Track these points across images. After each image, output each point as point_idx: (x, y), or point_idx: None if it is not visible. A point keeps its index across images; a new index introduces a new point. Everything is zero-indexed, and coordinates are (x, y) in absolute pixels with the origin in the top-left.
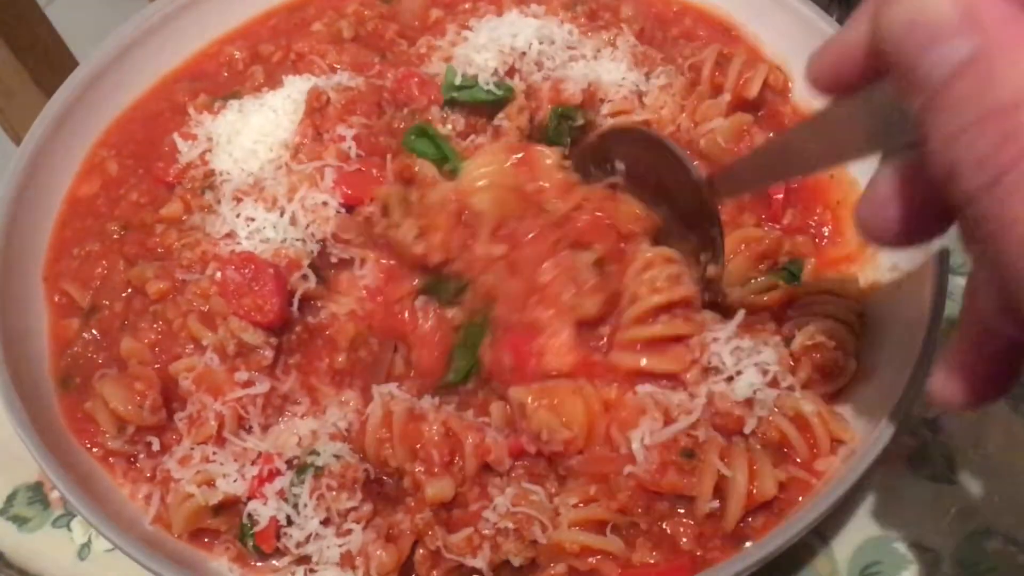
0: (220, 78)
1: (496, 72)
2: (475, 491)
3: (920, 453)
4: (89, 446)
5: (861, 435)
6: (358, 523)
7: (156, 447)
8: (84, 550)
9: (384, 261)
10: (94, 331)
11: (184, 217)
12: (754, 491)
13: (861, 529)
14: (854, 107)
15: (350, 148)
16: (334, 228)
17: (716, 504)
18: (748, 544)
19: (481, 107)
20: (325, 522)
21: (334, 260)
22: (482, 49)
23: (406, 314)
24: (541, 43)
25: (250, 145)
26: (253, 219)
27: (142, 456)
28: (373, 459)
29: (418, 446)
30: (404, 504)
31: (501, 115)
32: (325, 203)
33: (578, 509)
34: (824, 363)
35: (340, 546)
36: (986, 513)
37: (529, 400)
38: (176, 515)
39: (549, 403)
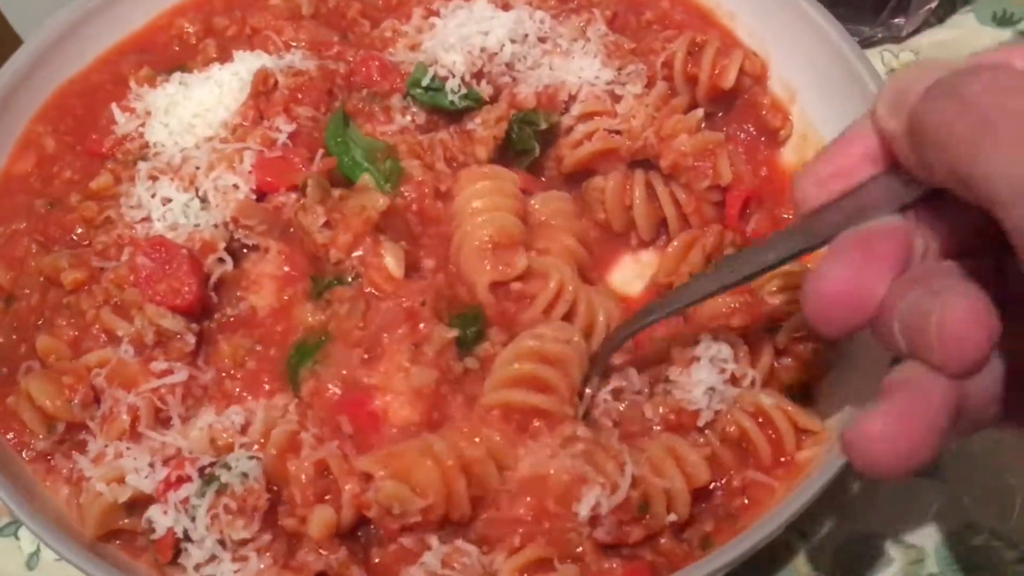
0: (170, 51)
1: (463, 78)
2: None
3: None
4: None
5: (839, 428)
6: (255, 552)
7: (93, 445)
8: (33, 559)
9: (286, 254)
10: (13, 323)
11: (115, 190)
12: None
13: (842, 526)
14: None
15: (279, 137)
16: (235, 211)
17: (673, 517)
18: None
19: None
20: (221, 543)
21: (243, 247)
22: (451, 49)
23: None
24: (514, 42)
25: (189, 119)
26: (170, 199)
27: (58, 456)
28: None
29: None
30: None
31: (477, 120)
32: (236, 186)
33: (513, 558)
34: (809, 355)
35: (236, 572)
36: (971, 508)
37: (377, 471)
38: (88, 515)
39: (396, 470)
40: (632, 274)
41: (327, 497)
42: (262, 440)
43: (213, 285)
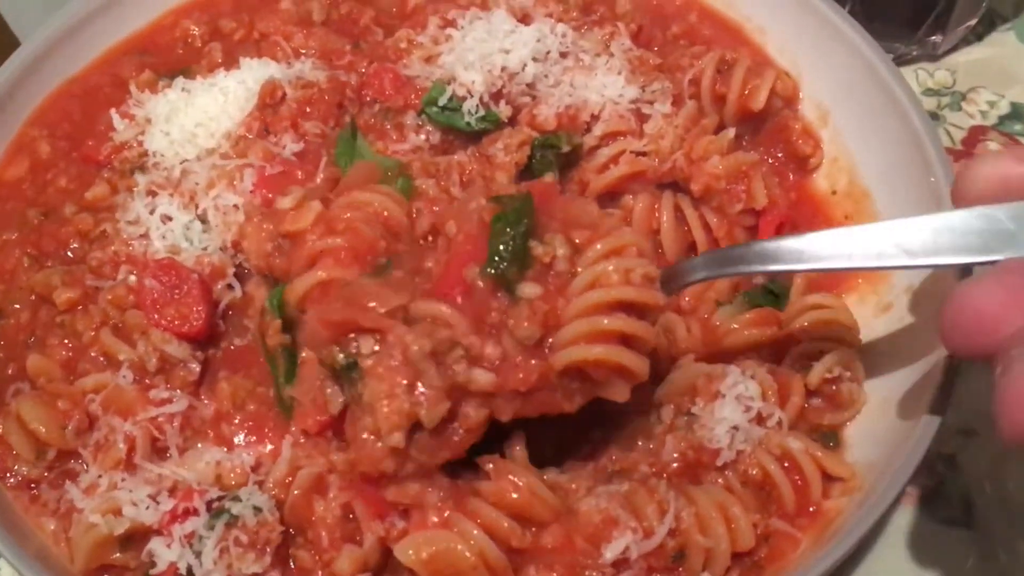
0: (174, 54)
1: (482, 98)
2: None
3: (936, 493)
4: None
5: (870, 476)
6: None
7: (85, 475)
8: None
9: None
10: (1, 341)
11: (111, 200)
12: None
13: None
14: None
15: (283, 150)
16: (236, 236)
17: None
18: None
19: None
20: None
21: (246, 270)
22: (470, 67)
23: None
24: (536, 60)
25: (191, 128)
26: (170, 218)
27: (44, 485)
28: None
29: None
30: None
31: (499, 145)
32: (236, 207)
33: None
34: (841, 397)
35: None
36: (1007, 561)
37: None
38: (78, 548)
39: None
40: None
41: (357, 538)
42: (289, 479)
43: (221, 312)
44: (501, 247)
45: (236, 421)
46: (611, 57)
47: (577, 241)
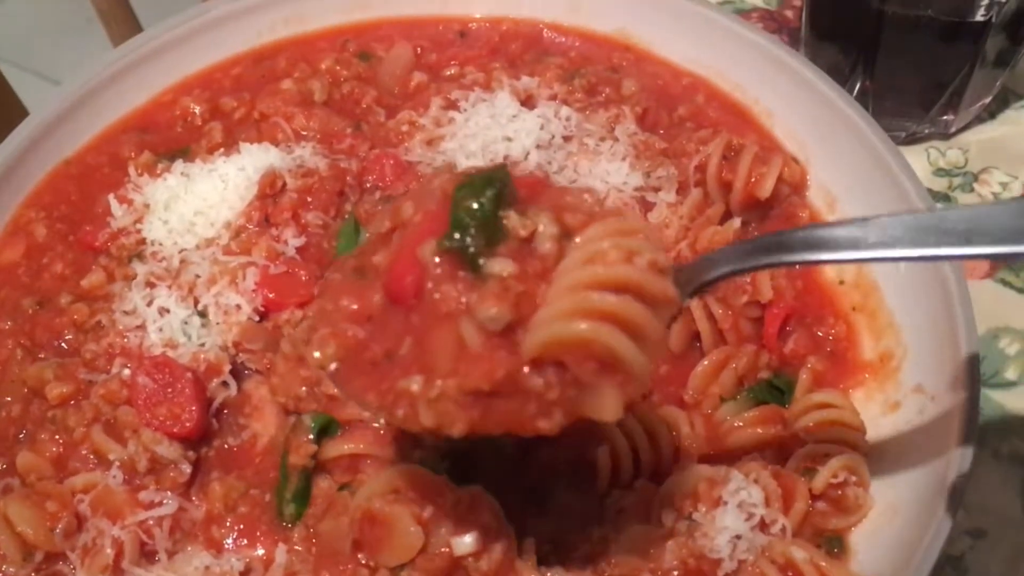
0: (173, 132)
1: None
2: None
3: None
4: None
5: None
6: None
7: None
8: None
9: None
10: None
11: (108, 289)
12: None
13: None
14: None
15: (286, 249)
16: (237, 336)
17: None
18: None
19: None
20: None
21: (247, 371)
22: (472, 156)
23: None
24: (539, 147)
25: (190, 216)
26: (167, 310)
27: None
28: None
29: None
30: None
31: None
32: (239, 307)
33: None
34: (847, 501)
35: None
36: None
37: None
38: None
39: None
40: None
41: None
42: None
43: (215, 411)
44: (463, 214)
45: (227, 524)
46: (615, 142)
47: (569, 223)
